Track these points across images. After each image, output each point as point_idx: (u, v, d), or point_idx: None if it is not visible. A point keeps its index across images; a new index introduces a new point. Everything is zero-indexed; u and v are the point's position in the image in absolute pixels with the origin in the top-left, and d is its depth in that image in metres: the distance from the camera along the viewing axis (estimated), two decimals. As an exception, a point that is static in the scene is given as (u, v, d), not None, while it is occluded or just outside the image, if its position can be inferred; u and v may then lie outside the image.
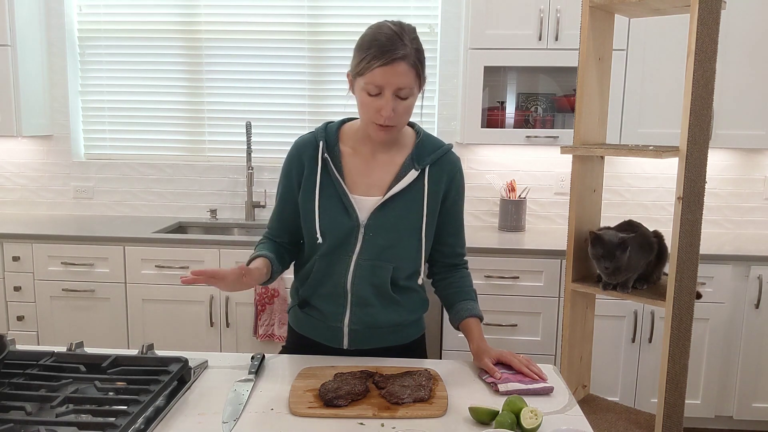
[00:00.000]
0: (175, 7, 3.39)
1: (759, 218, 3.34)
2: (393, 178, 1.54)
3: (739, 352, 2.87)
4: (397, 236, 1.53)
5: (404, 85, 1.40)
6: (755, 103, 2.92)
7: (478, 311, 1.61)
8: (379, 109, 1.42)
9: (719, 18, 1.81)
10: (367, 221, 1.52)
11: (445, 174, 1.56)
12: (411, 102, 1.45)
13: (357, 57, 1.43)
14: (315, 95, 3.43)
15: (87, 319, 2.98)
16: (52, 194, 3.53)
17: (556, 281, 2.82)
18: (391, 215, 1.52)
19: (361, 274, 1.54)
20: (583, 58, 1.99)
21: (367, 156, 1.56)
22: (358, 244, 1.53)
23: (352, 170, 1.55)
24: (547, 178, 3.36)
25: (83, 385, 1.31)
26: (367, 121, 1.47)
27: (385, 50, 1.38)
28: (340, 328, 1.59)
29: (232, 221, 3.43)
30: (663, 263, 2.01)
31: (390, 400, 1.29)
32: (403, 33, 1.41)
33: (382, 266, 1.54)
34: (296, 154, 1.58)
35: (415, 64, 1.41)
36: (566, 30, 2.89)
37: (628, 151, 1.90)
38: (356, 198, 1.53)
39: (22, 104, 3.17)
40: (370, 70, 1.39)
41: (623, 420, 2.03)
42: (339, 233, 1.52)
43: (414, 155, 1.54)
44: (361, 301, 1.56)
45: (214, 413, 1.26)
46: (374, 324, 1.58)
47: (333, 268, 1.55)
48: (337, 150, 1.55)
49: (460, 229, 1.65)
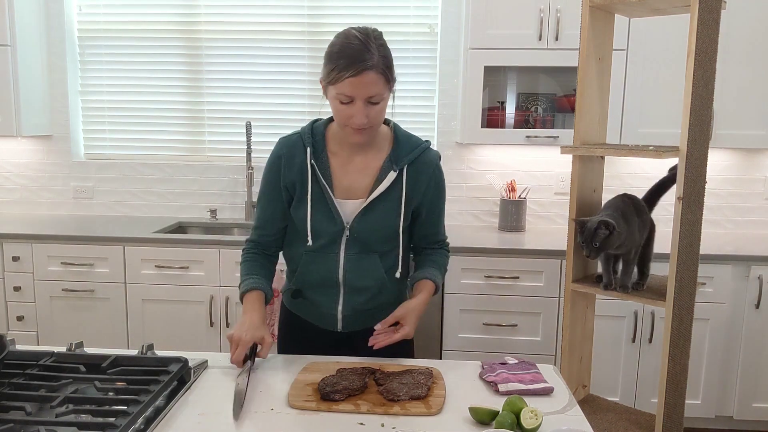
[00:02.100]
0: (175, 7, 3.39)
1: (759, 218, 3.34)
2: (373, 180, 1.58)
3: (739, 352, 2.86)
4: (380, 234, 1.60)
5: (374, 93, 1.44)
6: (755, 103, 2.92)
7: (432, 275, 1.65)
8: (351, 116, 1.46)
9: (719, 18, 1.81)
10: (351, 224, 1.58)
11: (423, 173, 1.61)
12: (383, 105, 1.50)
13: (327, 67, 1.46)
14: (315, 95, 3.43)
15: (87, 319, 2.98)
16: (52, 194, 3.53)
17: (556, 281, 2.82)
18: (374, 217, 1.58)
19: (351, 267, 1.61)
20: (583, 58, 1.99)
21: (347, 159, 1.60)
22: (343, 243, 1.60)
23: (336, 174, 1.60)
24: (547, 178, 3.36)
25: (83, 386, 1.31)
26: (341, 125, 1.52)
27: (353, 61, 1.41)
28: (334, 314, 1.67)
29: (232, 221, 3.43)
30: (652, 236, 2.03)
31: (387, 396, 1.32)
32: (369, 41, 1.43)
33: (369, 257, 1.61)
34: (285, 155, 1.61)
35: (384, 71, 1.44)
36: (566, 30, 2.89)
37: (628, 151, 1.90)
38: (340, 202, 1.58)
39: (22, 104, 3.17)
40: (340, 81, 1.42)
41: (623, 420, 2.03)
42: (325, 236, 1.59)
43: (392, 156, 1.59)
44: (354, 290, 1.64)
45: (214, 413, 1.26)
46: (366, 308, 1.66)
47: (322, 263, 1.62)
48: (324, 156, 1.59)
49: (439, 221, 1.71)
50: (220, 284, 2.91)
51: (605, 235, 1.83)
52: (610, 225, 1.82)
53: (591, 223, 1.85)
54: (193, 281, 2.91)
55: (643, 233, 1.97)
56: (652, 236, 2.03)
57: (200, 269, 2.90)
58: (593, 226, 1.84)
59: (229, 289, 2.91)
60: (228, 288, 2.91)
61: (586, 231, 1.86)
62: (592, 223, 1.85)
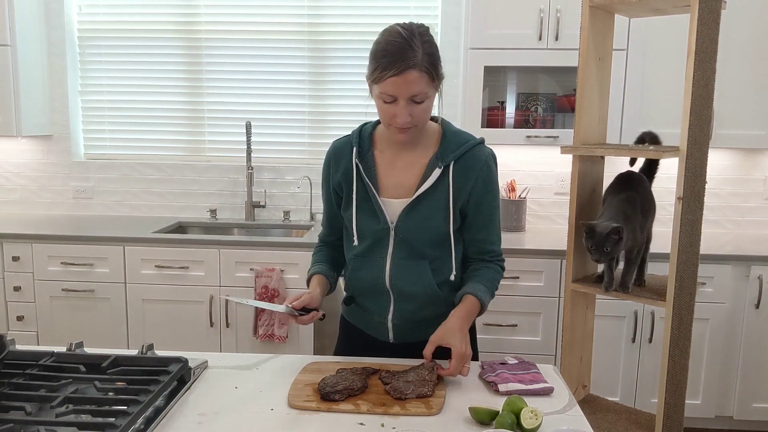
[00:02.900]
0: (175, 7, 3.39)
1: (759, 218, 3.34)
2: (419, 178, 1.54)
3: (739, 352, 2.86)
4: (427, 236, 1.54)
5: (417, 92, 1.41)
6: (755, 103, 2.92)
7: (474, 289, 1.53)
8: (395, 116, 1.44)
9: (719, 18, 1.81)
10: (396, 223, 1.54)
11: (471, 169, 1.54)
12: (428, 104, 1.46)
13: (371, 65, 1.43)
14: (315, 95, 3.43)
15: (87, 319, 2.98)
16: (51, 194, 3.53)
17: (556, 281, 2.82)
18: (419, 216, 1.53)
19: (398, 273, 1.57)
20: (583, 58, 1.99)
21: (393, 157, 1.57)
22: (390, 245, 1.56)
23: (382, 173, 1.57)
24: (547, 178, 3.36)
25: (83, 386, 1.31)
26: (386, 124, 1.49)
27: (395, 60, 1.37)
28: (385, 323, 1.63)
29: (232, 221, 3.43)
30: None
31: (394, 395, 1.32)
32: (413, 38, 1.39)
33: (417, 263, 1.56)
34: (332, 158, 1.61)
35: (428, 68, 1.40)
36: (566, 30, 2.89)
37: (628, 151, 1.91)
38: (385, 201, 1.55)
39: (22, 104, 3.17)
40: (383, 80, 1.40)
41: (623, 420, 2.03)
42: (371, 236, 1.56)
43: (438, 153, 1.54)
44: (403, 297, 1.59)
45: (214, 413, 1.26)
46: (417, 318, 1.61)
47: (370, 267, 1.59)
48: (370, 154, 1.57)
49: (489, 225, 1.59)
50: (220, 284, 2.91)
51: (616, 240, 1.83)
52: (621, 231, 1.82)
53: (602, 228, 1.83)
54: (193, 281, 2.91)
55: (644, 231, 1.97)
56: (652, 216, 2.02)
57: (200, 269, 2.90)
58: (604, 231, 1.83)
59: (229, 289, 2.91)
60: (228, 288, 2.91)
61: (596, 236, 1.84)
62: (603, 227, 1.83)
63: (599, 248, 1.84)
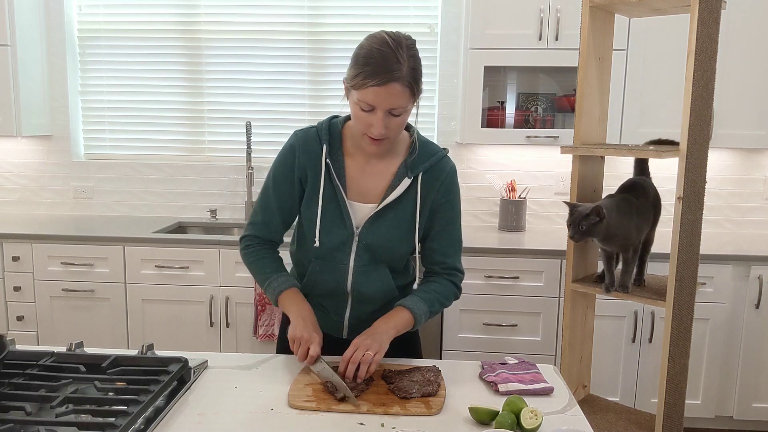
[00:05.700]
0: (175, 7, 3.39)
1: (759, 218, 3.34)
2: (387, 185, 1.53)
3: (739, 352, 2.86)
4: (391, 244, 1.54)
5: (397, 105, 1.38)
6: (755, 103, 2.92)
7: (411, 303, 1.50)
8: (371, 125, 1.41)
9: (719, 18, 1.81)
10: (361, 230, 1.53)
11: (436, 180, 1.55)
12: (404, 117, 1.44)
13: (353, 69, 1.39)
14: (315, 95, 3.43)
15: (87, 319, 2.98)
16: (52, 194, 3.53)
17: (556, 281, 2.82)
18: (385, 224, 1.52)
19: (361, 279, 1.56)
20: (583, 58, 1.99)
21: (363, 162, 1.55)
22: (353, 251, 1.54)
23: (350, 175, 1.54)
24: (547, 178, 3.36)
25: (83, 386, 1.31)
26: (359, 132, 1.46)
27: (379, 70, 1.34)
28: (341, 321, 1.63)
29: (232, 221, 3.43)
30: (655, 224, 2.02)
31: (398, 394, 1.33)
32: (400, 50, 1.36)
33: (379, 269, 1.56)
34: (299, 148, 1.54)
35: (410, 83, 1.37)
36: (566, 30, 2.89)
37: (628, 151, 1.91)
38: (352, 204, 1.53)
39: (22, 104, 3.17)
40: (364, 87, 1.36)
41: (623, 420, 2.03)
42: (335, 240, 1.53)
43: (408, 162, 1.53)
44: (363, 299, 1.59)
45: (213, 413, 1.26)
46: (374, 318, 1.58)
47: (331, 271, 1.56)
48: (339, 154, 1.54)
49: (443, 235, 1.57)
50: (220, 284, 2.91)
51: (595, 221, 1.83)
52: (601, 212, 1.82)
53: (583, 208, 1.86)
54: (193, 281, 2.91)
55: (642, 234, 1.96)
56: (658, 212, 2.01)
57: (200, 269, 2.90)
58: (585, 211, 1.84)
59: (229, 289, 2.91)
60: (228, 288, 2.91)
61: (576, 214, 1.86)
62: (585, 207, 1.86)
63: (575, 225, 1.86)
